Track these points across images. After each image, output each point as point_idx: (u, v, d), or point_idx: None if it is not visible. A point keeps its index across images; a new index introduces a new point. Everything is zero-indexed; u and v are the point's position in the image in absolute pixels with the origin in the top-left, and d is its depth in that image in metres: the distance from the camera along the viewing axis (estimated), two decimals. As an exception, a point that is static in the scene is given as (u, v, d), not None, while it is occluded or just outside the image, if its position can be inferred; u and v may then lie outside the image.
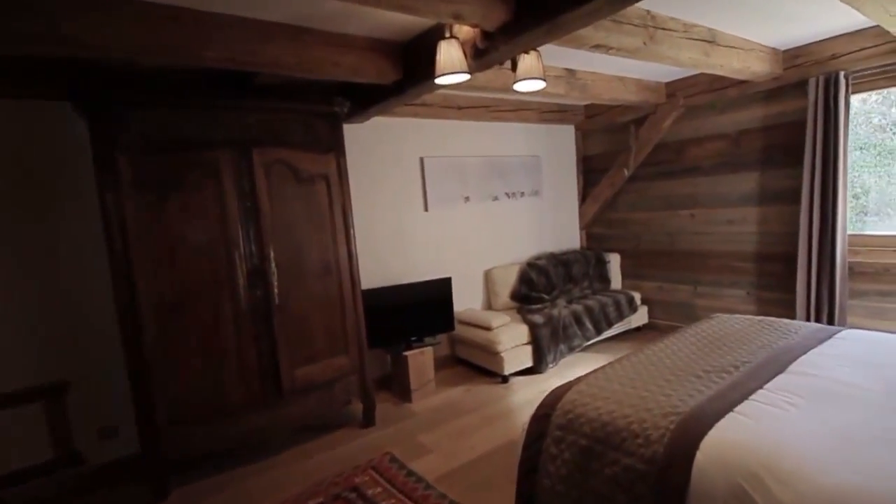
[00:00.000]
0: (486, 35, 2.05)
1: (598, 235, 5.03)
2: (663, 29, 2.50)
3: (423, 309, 3.63)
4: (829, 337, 2.23)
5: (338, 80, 2.58)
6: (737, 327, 2.54)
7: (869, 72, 3.08)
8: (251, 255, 2.57)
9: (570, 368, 3.72)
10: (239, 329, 2.54)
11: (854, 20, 2.78)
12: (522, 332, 3.68)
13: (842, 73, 3.07)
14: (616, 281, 4.72)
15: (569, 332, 3.87)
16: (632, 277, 4.74)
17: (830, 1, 2.36)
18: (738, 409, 1.57)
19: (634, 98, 3.83)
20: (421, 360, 3.43)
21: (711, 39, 2.77)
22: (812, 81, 3.19)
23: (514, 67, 2.34)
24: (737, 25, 2.77)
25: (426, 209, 3.94)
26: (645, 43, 2.41)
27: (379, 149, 3.66)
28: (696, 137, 4.05)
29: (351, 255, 2.96)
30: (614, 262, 4.72)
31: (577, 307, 4.03)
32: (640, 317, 4.48)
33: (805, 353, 2.02)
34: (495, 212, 4.39)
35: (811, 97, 3.20)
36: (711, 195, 4.01)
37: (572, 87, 3.42)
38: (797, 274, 3.41)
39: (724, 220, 3.95)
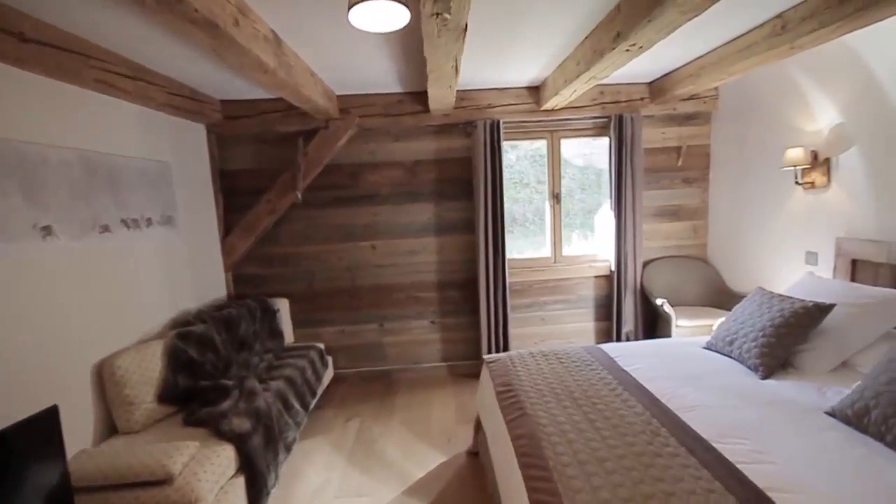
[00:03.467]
0: None
1: (251, 278, 3.79)
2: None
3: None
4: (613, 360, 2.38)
5: None
6: (572, 377, 2.34)
7: (514, 123, 3.71)
8: None
9: (297, 481, 2.50)
10: None
11: (503, 77, 3.25)
12: (225, 457, 2.12)
13: (501, 121, 3.55)
14: (288, 333, 3.68)
15: (281, 424, 2.59)
16: (307, 325, 3.84)
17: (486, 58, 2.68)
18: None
19: (321, 102, 3.06)
20: None
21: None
22: (481, 124, 3.52)
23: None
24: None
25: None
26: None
27: None
28: (374, 162, 3.72)
29: None
30: (283, 309, 3.67)
31: (278, 384, 2.79)
32: (328, 372, 3.67)
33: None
34: (107, 253, 2.43)
35: (481, 137, 3.53)
36: (392, 225, 3.78)
37: (280, 64, 2.30)
38: (480, 297, 3.68)
39: (406, 250, 3.81)
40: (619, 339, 3.75)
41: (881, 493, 1.26)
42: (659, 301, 3.44)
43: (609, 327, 3.87)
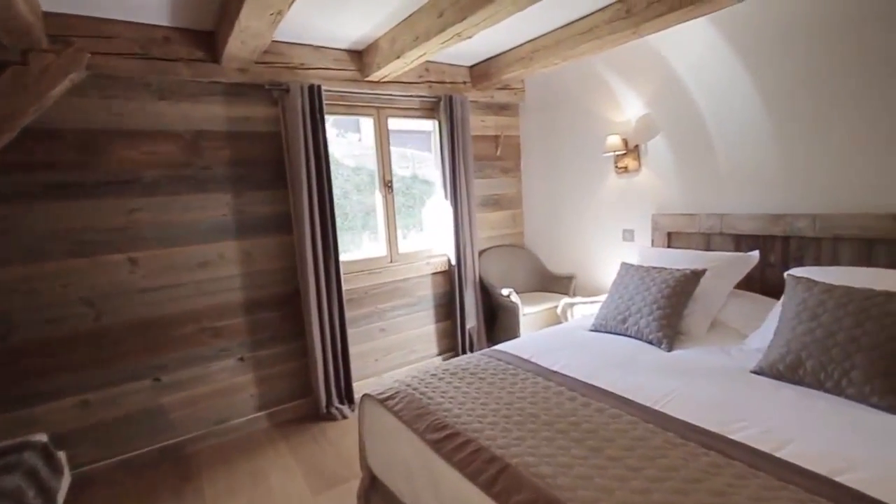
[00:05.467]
0: None
1: None
2: None
3: None
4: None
5: None
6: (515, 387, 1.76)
7: (333, 93, 2.98)
8: None
9: None
10: None
11: (322, 31, 2.60)
12: None
13: (322, 87, 2.80)
14: (-39, 432, 2.03)
15: None
16: (8, 407, 2.20)
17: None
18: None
19: (19, 16, 1.74)
20: None
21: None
22: (297, 88, 2.69)
23: None
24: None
25: None
26: None
27: None
28: (125, 130, 2.41)
29: None
30: (-55, 390, 2.00)
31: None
32: (64, 478, 2.18)
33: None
34: None
35: (297, 105, 2.70)
36: (165, 226, 2.53)
37: None
38: (308, 314, 2.83)
39: (192, 262, 2.62)
40: (463, 338, 3.50)
41: (857, 430, 1.26)
42: (505, 291, 3.33)
43: (450, 327, 3.58)
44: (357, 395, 3.07)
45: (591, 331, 2.34)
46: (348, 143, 3.89)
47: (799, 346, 1.61)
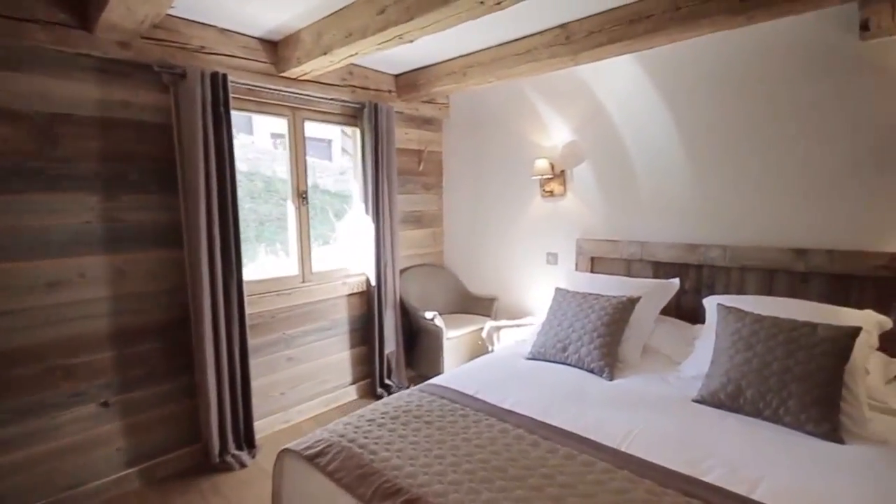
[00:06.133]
0: None
1: None
2: None
3: None
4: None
5: None
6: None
7: (240, 86, 2.57)
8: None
9: None
10: None
11: (232, 11, 2.24)
12: None
13: (228, 76, 2.39)
14: None
15: None
16: None
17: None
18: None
19: None
20: None
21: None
22: (196, 73, 2.26)
23: None
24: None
25: None
26: None
27: None
28: (-58, 102, 1.78)
29: None
30: None
31: None
32: None
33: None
34: None
35: (196, 94, 2.26)
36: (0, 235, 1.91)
37: None
38: (201, 345, 2.35)
39: (42, 282, 2.01)
40: (381, 365, 3.21)
41: (800, 463, 1.30)
42: (429, 314, 3.13)
43: (367, 353, 3.27)
44: (259, 437, 2.63)
45: (529, 359, 2.25)
46: (241, 144, 3.45)
47: (738, 376, 1.66)
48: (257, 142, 5.04)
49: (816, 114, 2.15)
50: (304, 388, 2.97)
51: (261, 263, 3.42)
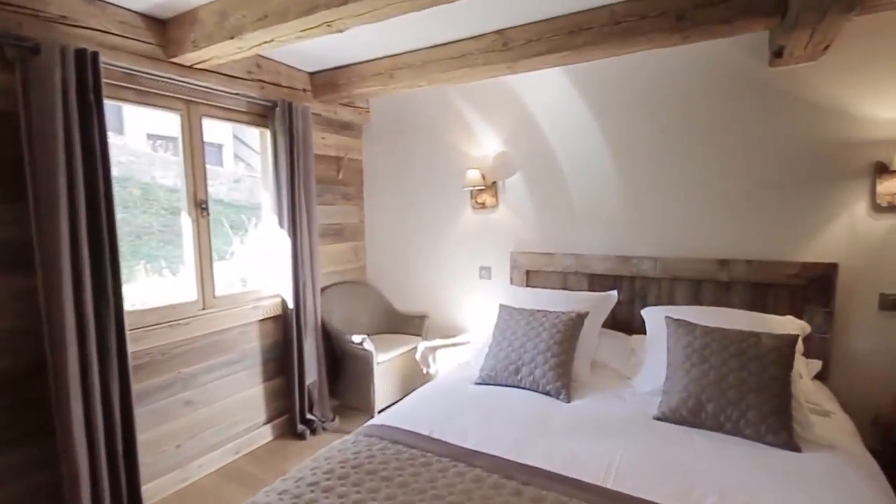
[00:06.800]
0: None
1: None
2: None
3: None
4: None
5: None
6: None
7: (116, 70, 2.08)
8: None
9: None
10: None
11: None
12: None
13: (98, 56, 1.90)
14: None
15: None
16: None
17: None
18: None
19: None
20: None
21: None
22: (52, 49, 1.76)
23: None
24: None
25: None
26: None
27: None
28: None
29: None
30: None
31: None
32: None
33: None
34: None
35: (53, 74, 1.76)
36: None
37: None
38: (67, 397, 1.81)
39: None
40: (301, 398, 2.82)
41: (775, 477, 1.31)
42: (356, 338, 2.82)
43: (285, 385, 2.85)
44: (149, 507, 2.11)
45: (479, 384, 2.08)
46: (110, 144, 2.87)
47: (698, 390, 1.65)
48: (130, 142, 4.30)
49: (733, 134, 2.30)
50: (207, 436, 2.48)
51: (143, 286, 2.84)
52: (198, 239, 2.44)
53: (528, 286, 2.84)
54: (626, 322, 2.54)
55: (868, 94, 2.00)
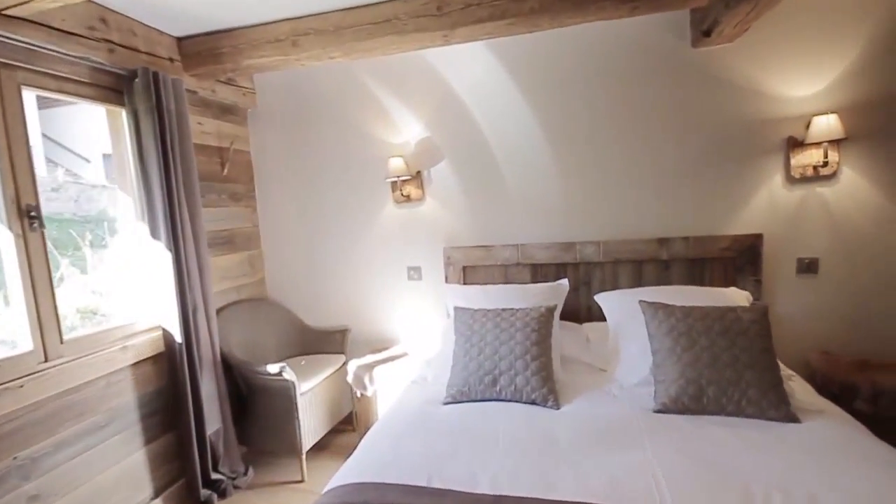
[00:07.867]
0: None
1: None
2: None
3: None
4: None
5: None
6: None
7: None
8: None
9: None
10: None
11: None
12: None
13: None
14: None
15: None
16: None
17: None
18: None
19: None
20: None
21: None
22: None
23: None
24: None
25: None
26: None
27: None
28: None
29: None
30: None
31: None
32: None
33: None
34: None
35: None
36: None
37: None
38: None
39: None
40: (202, 454, 2.18)
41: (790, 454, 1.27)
42: (273, 368, 2.27)
43: (176, 442, 2.18)
44: None
45: (450, 403, 1.76)
46: None
47: (696, 375, 1.57)
48: None
49: (660, 112, 2.33)
50: (69, 540, 1.75)
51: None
52: (27, 262, 1.69)
53: (465, 283, 2.59)
54: (574, 311, 2.45)
55: (779, 74, 2.16)
